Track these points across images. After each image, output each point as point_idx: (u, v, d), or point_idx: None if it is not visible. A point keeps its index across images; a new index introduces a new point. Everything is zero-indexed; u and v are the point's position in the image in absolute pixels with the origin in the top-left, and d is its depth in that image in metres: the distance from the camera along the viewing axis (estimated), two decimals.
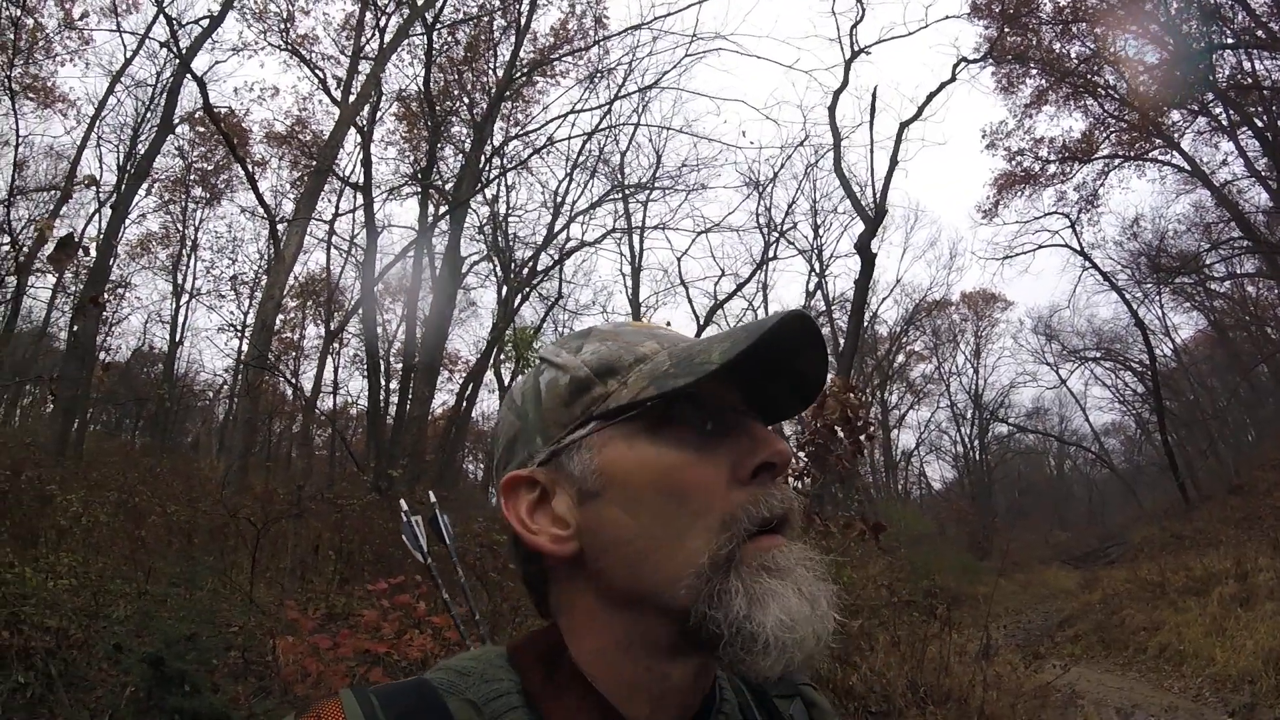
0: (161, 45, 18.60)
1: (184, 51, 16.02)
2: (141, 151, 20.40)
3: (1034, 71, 24.26)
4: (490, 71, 21.09)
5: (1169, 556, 15.42)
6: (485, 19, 20.37)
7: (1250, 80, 21.47)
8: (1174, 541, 17.58)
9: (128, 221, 22.81)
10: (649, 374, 0.70)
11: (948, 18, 24.92)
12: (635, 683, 0.67)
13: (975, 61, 22.88)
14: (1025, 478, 46.91)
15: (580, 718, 0.63)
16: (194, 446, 30.21)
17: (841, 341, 23.65)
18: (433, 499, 2.62)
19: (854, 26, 21.47)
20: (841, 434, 7.22)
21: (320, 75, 20.11)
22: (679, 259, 36.89)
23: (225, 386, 30.80)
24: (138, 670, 3.40)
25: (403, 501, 2.70)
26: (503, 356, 26.08)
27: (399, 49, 18.66)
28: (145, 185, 23.16)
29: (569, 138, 23.08)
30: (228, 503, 9.54)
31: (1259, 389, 31.67)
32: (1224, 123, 23.35)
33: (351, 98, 17.55)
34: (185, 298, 29.33)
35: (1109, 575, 17.04)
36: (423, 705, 0.65)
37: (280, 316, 24.13)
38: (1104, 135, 25.36)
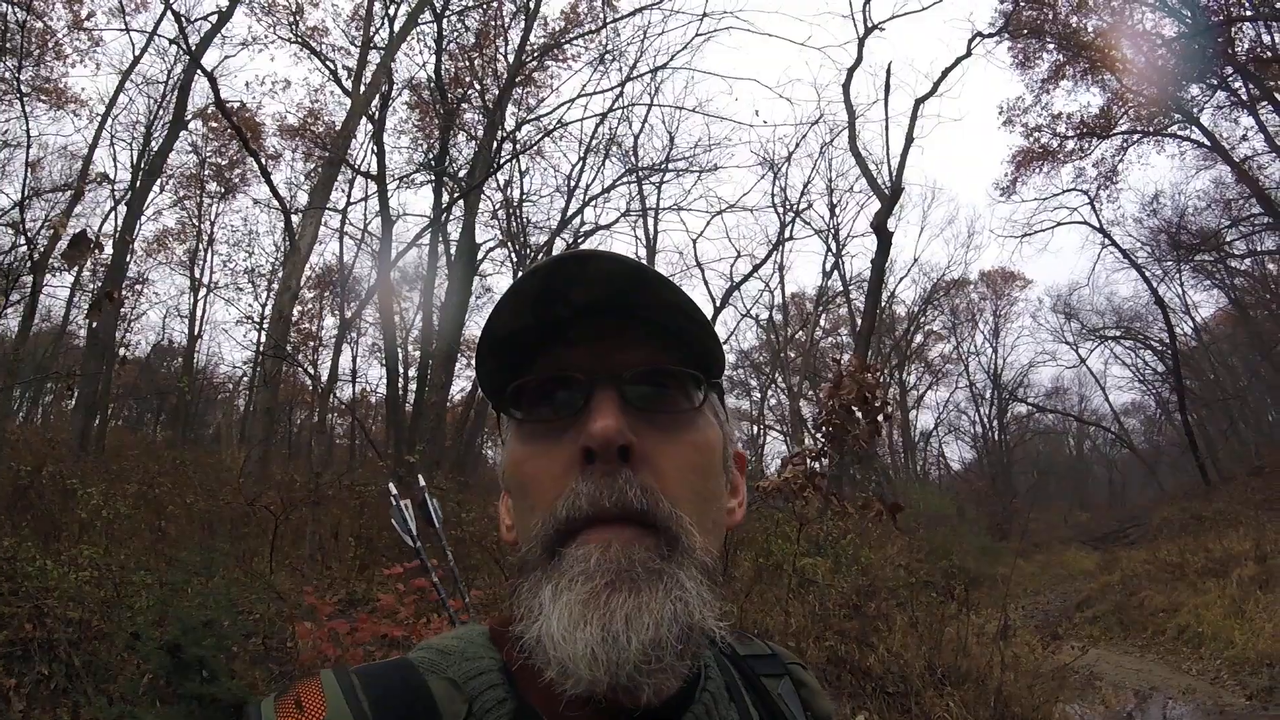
0: (171, 42, 18.69)
1: (193, 48, 16.05)
2: (155, 148, 20.54)
3: (1050, 46, 23.95)
4: (501, 57, 21.04)
5: (1189, 538, 15.34)
6: (494, 4, 20.32)
7: (1270, 54, 21.09)
8: (1194, 523, 17.45)
9: (143, 218, 23.00)
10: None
11: None
12: None
13: (991, 36, 22.57)
14: (1045, 458, 46.61)
15: (556, 696, 0.61)
16: (215, 438, 30.45)
17: (859, 321, 23.54)
18: (422, 483, 2.63)
19: (866, 2, 21.30)
20: (859, 414, 7.21)
21: (331, 67, 20.16)
22: (694, 241, 36.94)
23: (244, 378, 31.04)
24: (155, 658, 3.44)
25: (391, 485, 2.71)
26: None
27: (409, 37, 18.63)
28: (160, 182, 23.32)
29: (581, 119, 23.06)
30: (247, 492, 9.63)
31: None
32: (1244, 97, 22.94)
33: (363, 88, 17.55)
34: (203, 292, 29.65)
35: (1128, 556, 16.95)
36: (403, 684, 0.65)
37: (297, 307, 24.28)
38: (1122, 111, 25.04)
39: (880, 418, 7.46)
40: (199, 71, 16.01)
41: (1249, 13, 20.66)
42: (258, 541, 8.30)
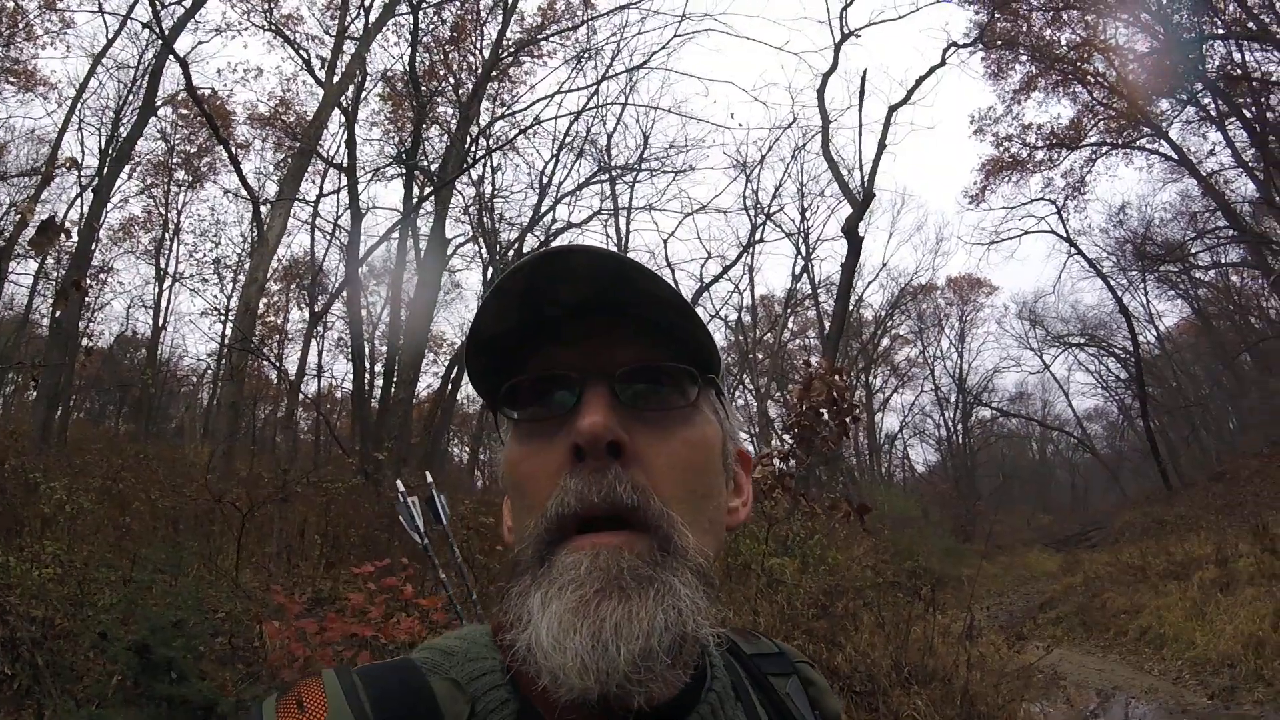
0: (144, 26, 18.34)
1: (166, 32, 15.80)
2: (123, 134, 20.20)
3: (1024, 57, 24.30)
4: (476, 51, 20.89)
5: (1150, 541, 15.58)
6: None
7: (1240, 71, 21.55)
8: (1155, 526, 17.76)
9: (110, 205, 22.58)
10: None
11: (938, 1, 24.99)
12: None
13: (965, 46, 22.88)
14: (1008, 462, 47.33)
15: (583, 710, 0.60)
16: (178, 432, 29.99)
17: (827, 324, 23.70)
18: (429, 479, 2.61)
19: (844, 9, 21.56)
20: (827, 416, 7.24)
21: (304, 56, 19.87)
22: (665, 241, 36.94)
23: (209, 371, 30.60)
24: (124, 658, 3.36)
25: (399, 483, 2.69)
26: None
27: (384, 28, 18.48)
28: (127, 168, 22.98)
29: (555, 118, 22.96)
30: (213, 488, 9.48)
31: (1241, 378, 31.97)
32: (1212, 113, 23.44)
33: (336, 78, 17.37)
34: (168, 282, 29.15)
35: (1091, 558, 17.22)
36: (405, 685, 0.64)
37: (264, 300, 23.99)
38: (1092, 123, 25.51)
39: (848, 420, 7.50)
40: (171, 56, 15.76)
41: (1221, 31, 21.07)
42: (222, 539, 8.17)
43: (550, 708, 0.61)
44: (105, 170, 19.85)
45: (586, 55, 21.41)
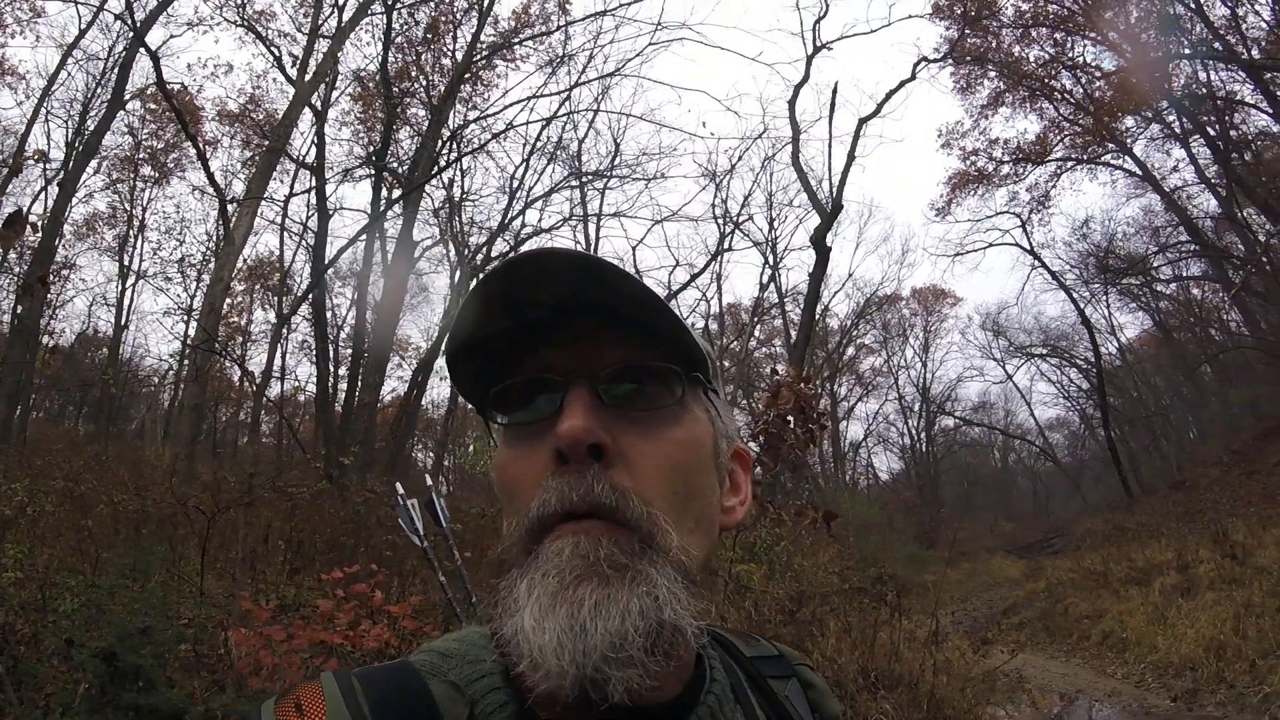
0: (116, 17, 18.05)
1: (138, 24, 15.57)
2: (91, 127, 19.84)
3: (992, 73, 24.68)
4: (450, 54, 20.78)
5: (1112, 547, 15.77)
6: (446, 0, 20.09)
7: (1205, 90, 22.02)
8: (1117, 533, 17.98)
9: (74, 200, 22.17)
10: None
11: (910, 17, 25.44)
12: None
13: (935, 61, 23.21)
14: (971, 470, 47.87)
15: (560, 699, 0.60)
16: (139, 433, 29.42)
17: (793, 333, 23.83)
18: (429, 483, 2.61)
19: (817, 22, 21.67)
20: (794, 424, 7.29)
21: (276, 53, 19.58)
22: (634, 248, 36.88)
23: (171, 372, 30.07)
24: (91, 666, 3.29)
25: (398, 485, 2.69)
26: None
27: (357, 28, 18.33)
28: (94, 163, 22.55)
29: (527, 123, 22.84)
30: (177, 491, 9.30)
31: (1201, 389, 32.61)
32: (1177, 130, 23.95)
33: (307, 76, 17.20)
34: (131, 279, 28.58)
35: (1053, 565, 17.40)
36: (404, 687, 0.65)
37: (228, 300, 23.64)
38: (1058, 138, 25.92)
39: (815, 428, 7.55)
40: (142, 49, 15.54)
41: (1187, 51, 21.52)
42: (186, 544, 8.01)
43: (550, 708, 0.62)
44: (71, 164, 19.51)
45: (561, 61, 21.38)
